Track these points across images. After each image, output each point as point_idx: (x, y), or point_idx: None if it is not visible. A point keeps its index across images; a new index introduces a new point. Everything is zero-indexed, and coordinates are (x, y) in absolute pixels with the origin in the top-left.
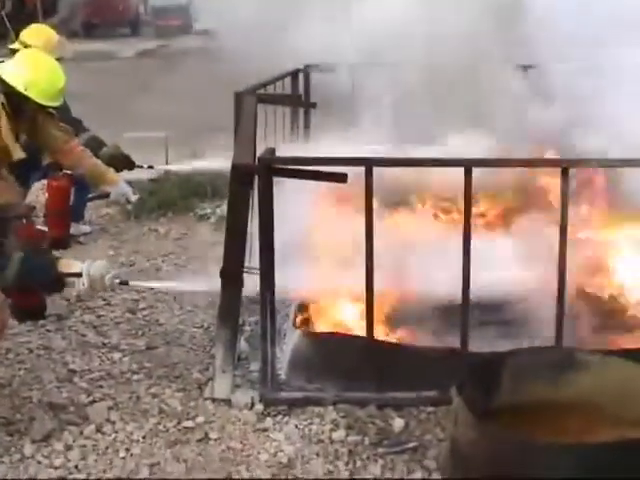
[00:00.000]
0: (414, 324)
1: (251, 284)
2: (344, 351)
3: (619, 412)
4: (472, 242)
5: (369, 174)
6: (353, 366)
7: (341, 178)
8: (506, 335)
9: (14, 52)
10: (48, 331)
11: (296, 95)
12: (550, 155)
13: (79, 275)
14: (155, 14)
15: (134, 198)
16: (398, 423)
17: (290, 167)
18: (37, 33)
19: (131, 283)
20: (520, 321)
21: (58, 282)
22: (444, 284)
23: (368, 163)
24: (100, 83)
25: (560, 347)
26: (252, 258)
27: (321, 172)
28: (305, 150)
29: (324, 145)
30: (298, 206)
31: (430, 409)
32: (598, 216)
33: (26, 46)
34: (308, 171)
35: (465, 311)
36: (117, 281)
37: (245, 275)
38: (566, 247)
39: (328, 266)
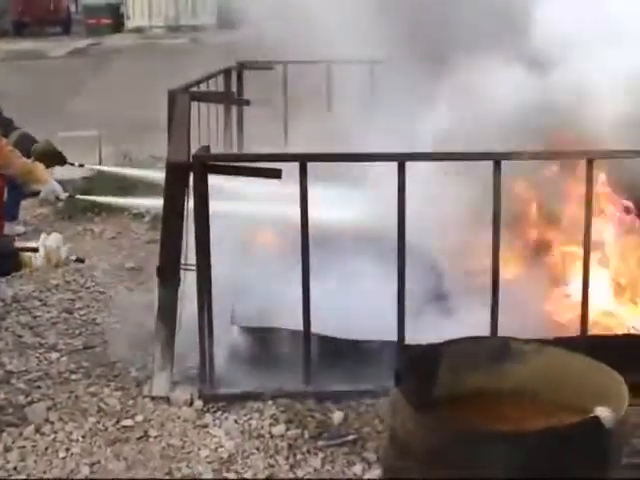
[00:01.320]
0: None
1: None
2: (281, 345)
3: (555, 399)
4: None
5: (303, 170)
6: (291, 360)
7: (275, 174)
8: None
9: None
10: None
11: (229, 92)
12: None
13: (35, 250)
14: (86, 13)
15: (64, 196)
16: (337, 416)
17: (225, 164)
18: None
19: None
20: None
21: (15, 258)
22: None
23: (302, 159)
24: (32, 82)
25: (496, 337)
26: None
27: (255, 168)
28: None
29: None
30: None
31: (369, 401)
32: None
33: None
34: (243, 167)
35: (401, 302)
36: (73, 257)
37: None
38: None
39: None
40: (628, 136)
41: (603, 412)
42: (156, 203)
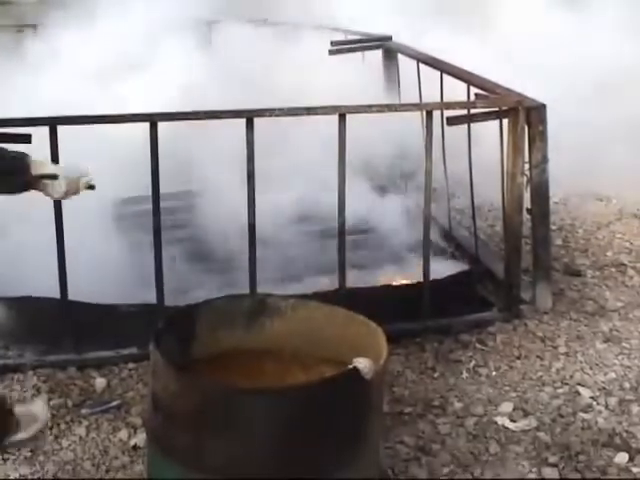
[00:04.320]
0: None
1: None
2: (39, 314)
3: (315, 353)
4: None
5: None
6: (50, 329)
7: (26, 139)
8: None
9: None
10: None
11: None
12: None
13: (55, 177)
14: None
15: None
16: (100, 383)
17: None
18: None
19: None
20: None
21: (33, 184)
22: None
23: (52, 122)
24: None
25: (253, 294)
26: None
27: (4, 134)
28: None
29: None
30: None
31: (131, 366)
32: None
33: None
34: None
35: (158, 265)
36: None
37: None
38: None
39: None
40: None
41: (361, 363)
42: None
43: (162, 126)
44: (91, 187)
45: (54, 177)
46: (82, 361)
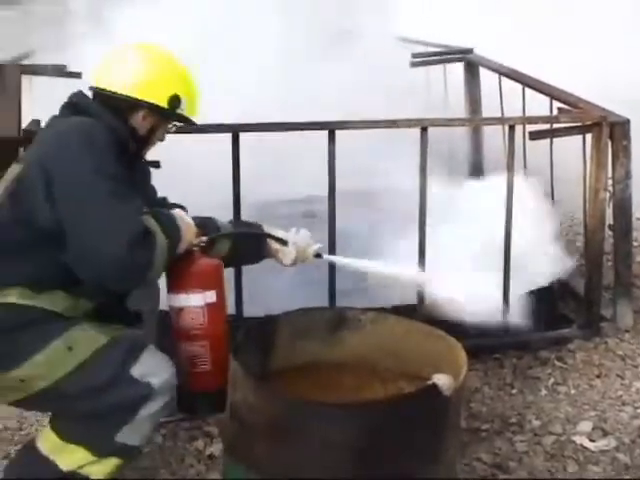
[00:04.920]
0: None
1: None
2: None
3: (394, 368)
4: None
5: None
6: None
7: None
8: None
9: None
10: None
11: (60, 66)
12: None
13: (284, 243)
14: None
15: None
16: None
17: None
18: None
19: (326, 257)
20: None
21: (264, 248)
22: None
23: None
24: None
25: (332, 307)
26: None
27: None
28: None
29: None
30: None
31: None
32: None
33: None
34: None
35: (238, 278)
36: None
37: None
38: None
39: None
40: None
41: (440, 379)
42: None
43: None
44: (318, 255)
45: (284, 243)
46: None
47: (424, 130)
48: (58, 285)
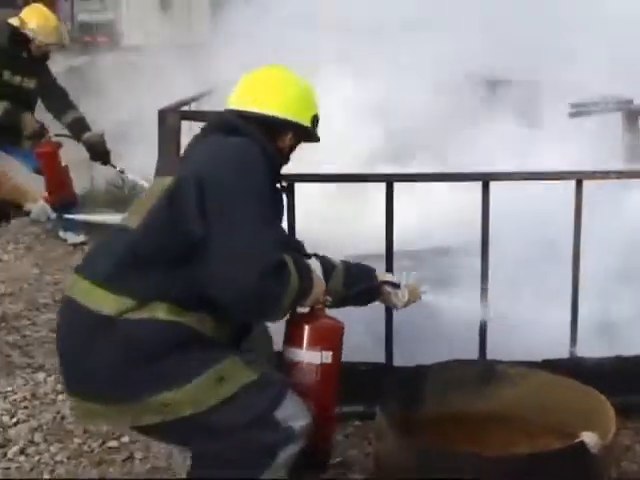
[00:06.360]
0: None
1: None
2: None
3: (541, 423)
4: None
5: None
6: None
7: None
8: None
9: None
10: None
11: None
12: None
13: (397, 286)
14: (82, 30)
15: (53, 215)
16: None
17: None
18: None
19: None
20: None
21: (378, 290)
22: None
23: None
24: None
25: (482, 360)
26: None
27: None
28: None
29: None
30: None
31: (357, 423)
32: None
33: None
34: None
35: (389, 326)
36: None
37: None
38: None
39: None
40: None
41: (589, 437)
42: None
43: None
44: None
45: (397, 287)
46: None
47: (579, 182)
48: (203, 306)
